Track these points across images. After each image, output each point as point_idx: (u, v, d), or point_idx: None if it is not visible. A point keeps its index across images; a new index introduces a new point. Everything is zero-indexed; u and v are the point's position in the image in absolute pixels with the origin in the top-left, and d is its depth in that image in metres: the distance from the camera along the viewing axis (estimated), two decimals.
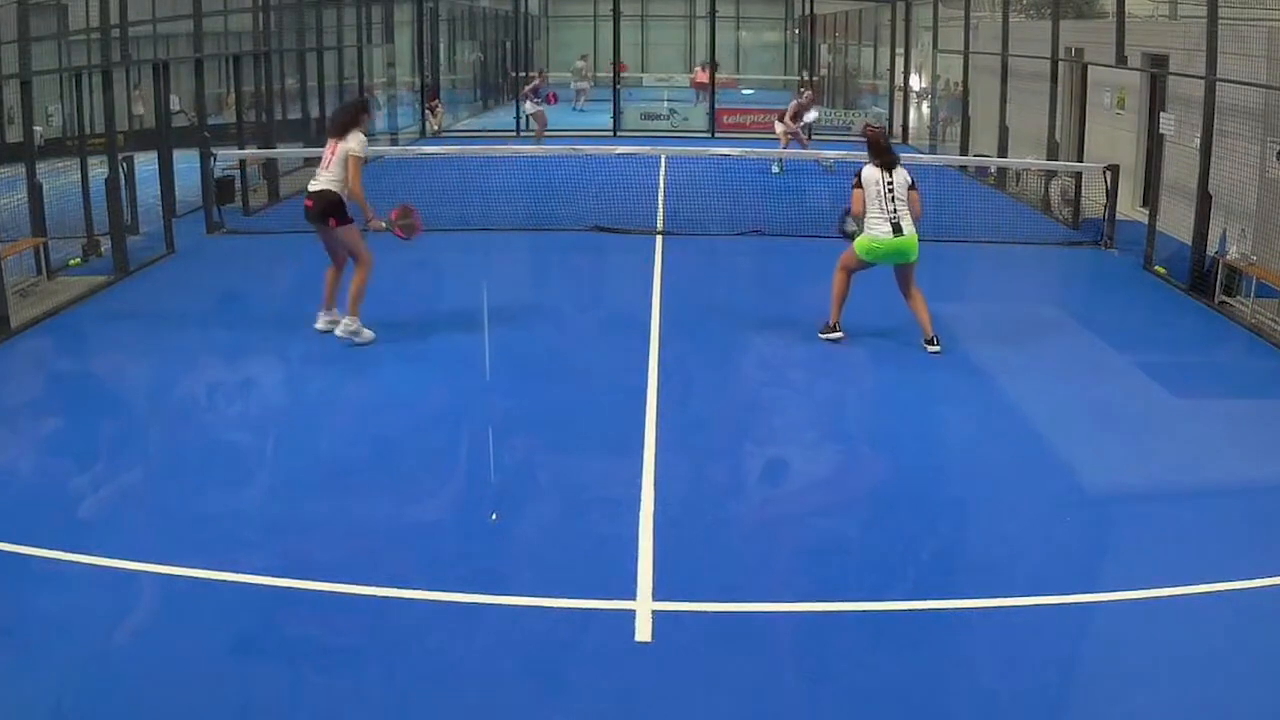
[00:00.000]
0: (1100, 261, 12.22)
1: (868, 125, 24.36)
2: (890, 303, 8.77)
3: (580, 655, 4.63)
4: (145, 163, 12.72)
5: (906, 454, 6.81)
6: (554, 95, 22.42)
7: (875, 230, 8.30)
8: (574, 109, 27.98)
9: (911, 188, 8.39)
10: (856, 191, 8.36)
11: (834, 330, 8.58)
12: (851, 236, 8.54)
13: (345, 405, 7.53)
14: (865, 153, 8.53)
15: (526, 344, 8.99)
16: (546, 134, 21.57)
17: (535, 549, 5.54)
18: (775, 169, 17.38)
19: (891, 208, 8.26)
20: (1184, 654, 4.67)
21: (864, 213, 8.33)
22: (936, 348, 8.38)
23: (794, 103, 19.40)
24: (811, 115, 19.04)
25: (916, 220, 8.38)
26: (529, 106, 22.04)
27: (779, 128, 18.88)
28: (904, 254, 8.34)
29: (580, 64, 30.88)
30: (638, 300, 10.09)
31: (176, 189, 13.01)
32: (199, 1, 13.65)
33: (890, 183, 8.28)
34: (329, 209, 8.33)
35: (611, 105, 24.81)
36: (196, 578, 5.08)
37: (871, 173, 8.32)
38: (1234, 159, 10.82)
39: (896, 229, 8.26)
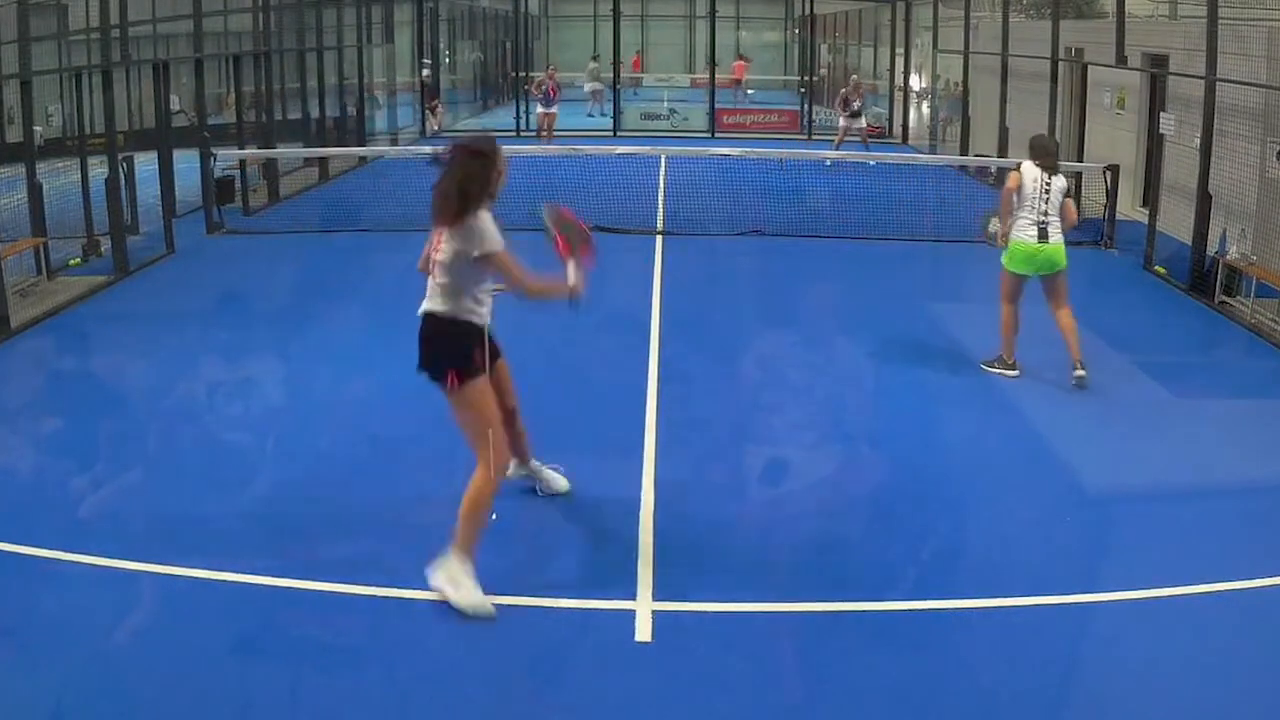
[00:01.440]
0: (1100, 261, 12.22)
1: (868, 127, 24.52)
2: (888, 304, 8.79)
3: (580, 655, 4.63)
4: (145, 163, 12.74)
5: (906, 454, 6.81)
6: (554, 88, 22.15)
7: (1022, 234, 7.89)
8: (588, 114, 27.69)
9: (1068, 195, 8.04)
10: (1014, 174, 7.97)
11: (1010, 367, 8.06)
12: (992, 239, 8.23)
13: (345, 405, 7.53)
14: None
15: (526, 344, 8.98)
16: (551, 134, 21.54)
17: (535, 549, 5.54)
18: (828, 163, 17.39)
19: (1044, 210, 7.84)
20: (1183, 654, 4.67)
21: (1014, 211, 7.91)
22: (1081, 372, 7.81)
23: (841, 92, 19.87)
24: (861, 122, 19.70)
25: (1070, 226, 8.04)
26: (538, 108, 22.03)
27: (842, 122, 19.62)
28: (1049, 262, 7.92)
29: (593, 65, 29.93)
30: (638, 300, 10.09)
31: (176, 189, 13.02)
32: (199, 1, 13.67)
33: (1048, 185, 7.86)
34: (433, 351, 5.25)
35: (611, 106, 24.82)
36: (196, 578, 5.09)
37: (1031, 169, 7.90)
38: (1234, 159, 10.83)
39: (1043, 234, 7.84)
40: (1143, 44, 13.33)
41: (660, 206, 14.38)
